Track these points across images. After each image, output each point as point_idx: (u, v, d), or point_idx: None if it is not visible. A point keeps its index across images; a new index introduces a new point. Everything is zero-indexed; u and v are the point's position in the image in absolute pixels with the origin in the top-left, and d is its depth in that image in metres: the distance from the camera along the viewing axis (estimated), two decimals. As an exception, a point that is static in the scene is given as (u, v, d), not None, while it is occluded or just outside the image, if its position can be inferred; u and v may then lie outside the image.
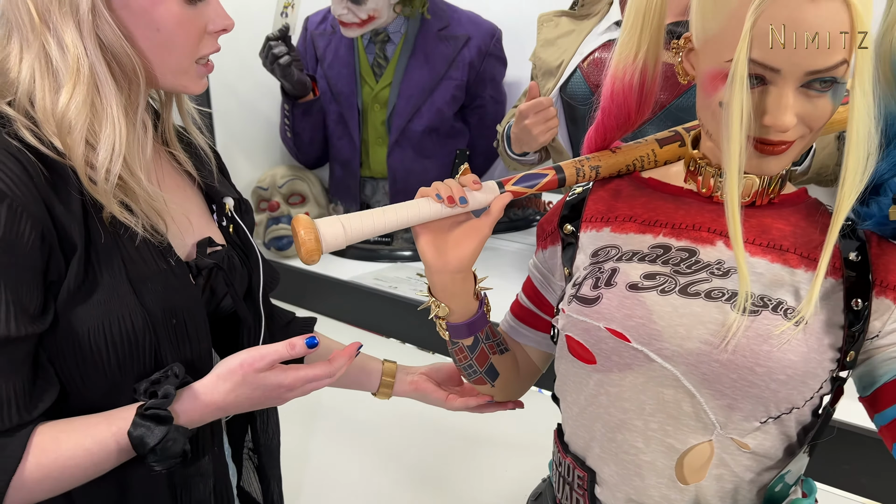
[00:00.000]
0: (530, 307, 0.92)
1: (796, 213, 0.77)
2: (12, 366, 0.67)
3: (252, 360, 0.74)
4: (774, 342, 0.68)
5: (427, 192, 0.78)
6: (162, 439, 0.69)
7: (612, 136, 0.83)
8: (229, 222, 0.90)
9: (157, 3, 0.73)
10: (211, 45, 0.78)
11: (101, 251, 0.71)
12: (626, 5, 0.76)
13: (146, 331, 0.73)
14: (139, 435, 0.69)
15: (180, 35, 0.75)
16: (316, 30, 1.87)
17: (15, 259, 0.66)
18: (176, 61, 0.76)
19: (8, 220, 0.65)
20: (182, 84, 0.78)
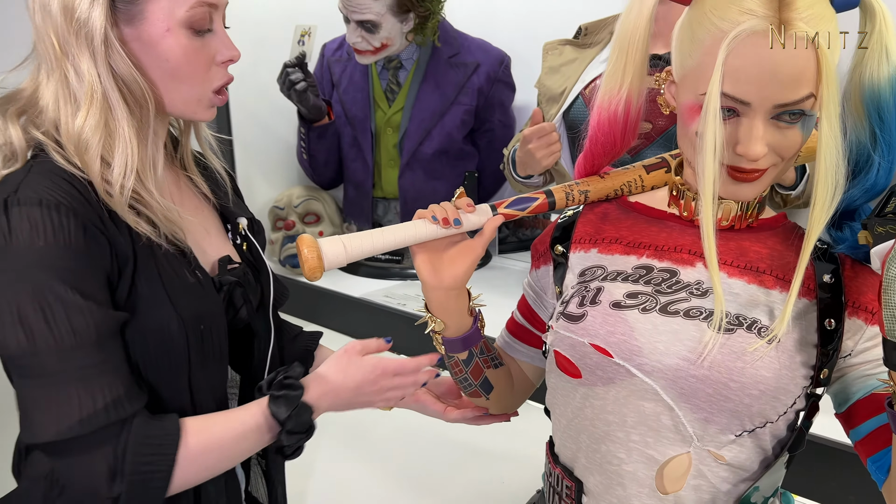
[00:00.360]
0: (524, 324, 0.96)
1: (774, 236, 0.80)
2: (119, 359, 0.75)
3: (352, 345, 0.88)
4: (748, 359, 0.72)
5: (424, 214, 0.83)
6: (296, 408, 0.80)
7: (600, 162, 0.87)
8: (243, 241, 0.96)
9: (165, 36, 0.78)
10: (221, 75, 0.83)
11: (142, 267, 0.78)
12: (614, 39, 0.81)
13: (180, 335, 0.80)
14: (277, 405, 0.80)
15: (187, 66, 0.79)
16: (332, 56, 1.95)
17: (92, 266, 0.74)
18: (187, 91, 0.81)
19: (84, 235, 0.73)
20: (192, 111, 0.83)
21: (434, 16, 1.76)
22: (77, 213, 0.73)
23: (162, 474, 0.73)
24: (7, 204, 0.72)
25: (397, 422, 1.16)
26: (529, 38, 1.80)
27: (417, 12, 1.73)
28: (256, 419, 0.80)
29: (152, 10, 0.77)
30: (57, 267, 0.71)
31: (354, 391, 0.85)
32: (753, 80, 0.68)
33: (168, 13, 0.77)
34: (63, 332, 0.71)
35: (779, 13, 0.67)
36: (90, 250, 0.73)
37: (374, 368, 0.86)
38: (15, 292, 0.70)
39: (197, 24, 0.79)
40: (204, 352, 0.84)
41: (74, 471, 0.72)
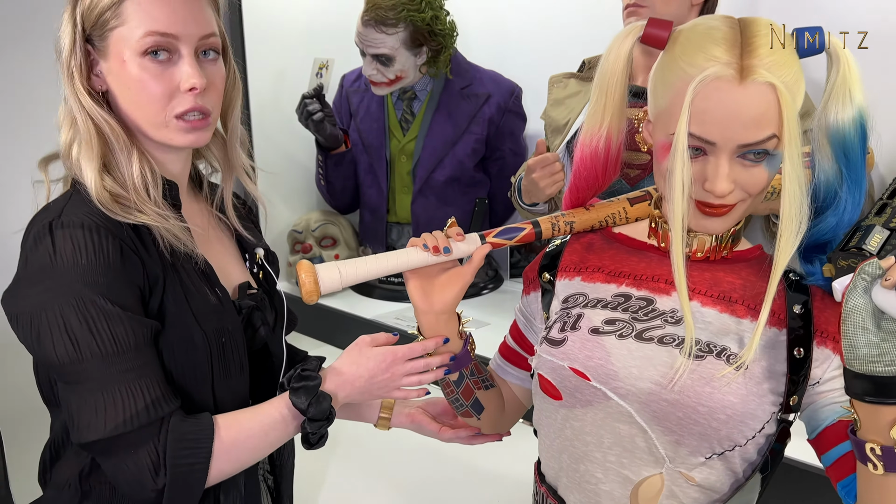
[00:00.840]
0: (515, 347, 1.01)
1: (748, 267, 0.84)
2: (155, 364, 0.83)
3: (362, 339, 0.94)
4: (716, 384, 0.76)
5: (416, 242, 0.89)
6: (314, 396, 0.86)
7: (584, 195, 0.92)
8: (259, 269, 1.04)
9: (123, 65, 0.83)
10: (184, 102, 0.84)
11: (170, 286, 0.86)
12: (595, 80, 0.86)
13: (203, 347, 0.88)
14: (297, 396, 0.86)
15: (143, 92, 0.83)
16: (351, 87, 2.04)
17: (129, 282, 0.81)
18: (152, 115, 0.84)
19: (121, 254, 0.81)
20: (166, 137, 0.86)
21: (446, 49, 1.83)
22: (114, 235, 0.81)
23: (200, 466, 0.81)
24: (52, 227, 0.80)
25: (404, 441, 1.21)
26: (542, 71, 1.86)
27: (430, 46, 1.81)
28: (280, 410, 0.87)
29: (115, 41, 0.84)
30: (98, 282, 0.79)
31: (368, 380, 0.91)
32: (717, 121, 0.72)
33: (124, 43, 0.83)
34: (105, 340, 0.79)
35: (741, 60, 0.72)
36: (126, 267, 0.81)
37: (385, 356, 0.91)
38: (61, 306, 0.78)
39: (152, 52, 0.83)
40: (225, 363, 0.91)
41: (122, 466, 0.80)
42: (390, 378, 0.91)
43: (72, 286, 0.79)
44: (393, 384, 0.92)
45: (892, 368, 0.66)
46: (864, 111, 0.76)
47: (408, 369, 0.92)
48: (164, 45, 0.83)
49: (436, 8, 1.80)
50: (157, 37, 0.83)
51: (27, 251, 0.82)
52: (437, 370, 0.93)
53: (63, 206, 0.83)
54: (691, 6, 1.47)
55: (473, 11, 2.13)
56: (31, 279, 0.81)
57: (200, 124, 0.86)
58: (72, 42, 0.84)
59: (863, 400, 0.68)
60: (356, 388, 0.91)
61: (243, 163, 0.99)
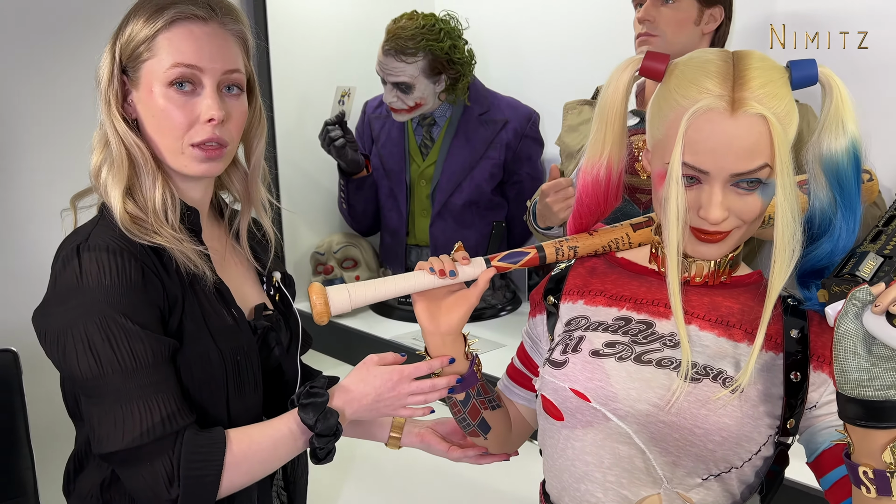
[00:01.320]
0: (521, 369, 1.03)
1: (746, 292, 0.86)
2: (172, 380, 0.87)
3: (370, 358, 0.97)
4: (712, 407, 0.78)
5: (423, 266, 0.93)
6: (322, 412, 0.89)
7: (587, 221, 0.95)
8: (276, 292, 1.08)
9: (151, 95, 0.89)
10: (203, 132, 0.89)
11: (189, 307, 0.91)
12: (596, 111, 0.89)
13: (220, 365, 0.93)
14: (305, 412, 0.89)
15: (166, 120, 0.89)
16: (373, 113, 2.09)
17: (149, 302, 0.87)
18: (169, 143, 0.90)
19: (142, 276, 0.86)
20: (181, 164, 0.91)
21: (464, 77, 1.88)
22: (136, 258, 0.87)
23: (212, 478, 0.85)
24: (79, 250, 0.86)
25: (411, 460, 1.23)
26: (560, 97, 1.90)
27: (449, 74, 1.86)
28: (289, 426, 0.90)
29: (145, 72, 0.90)
30: (120, 302, 0.84)
31: (375, 397, 0.94)
32: (710, 151, 0.75)
33: (154, 74, 0.89)
34: (125, 357, 0.84)
35: (733, 92, 0.74)
36: (147, 288, 0.86)
37: (392, 375, 0.94)
38: (85, 324, 0.84)
39: (177, 83, 0.88)
40: (240, 380, 0.95)
41: (138, 477, 0.85)
42: (396, 396, 0.94)
43: (96, 306, 0.84)
44: (399, 402, 0.95)
45: (881, 393, 0.67)
46: (856, 141, 0.78)
47: (413, 388, 0.94)
48: (188, 77, 0.89)
49: (454, 37, 1.85)
50: (183, 68, 0.88)
51: (56, 272, 0.88)
52: (443, 390, 0.95)
53: (90, 230, 0.89)
54: (702, 35, 1.49)
55: (493, 39, 2.18)
56: (59, 299, 0.86)
57: (215, 154, 0.91)
58: (109, 72, 0.91)
59: (855, 424, 0.69)
60: (363, 405, 0.94)
61: (262, 198, 1.04)
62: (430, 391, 0.95)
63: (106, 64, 0.92)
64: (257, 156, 1.02)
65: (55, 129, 1.72)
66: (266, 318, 1.02)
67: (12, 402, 1.22)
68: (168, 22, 0.88)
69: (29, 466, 1.24)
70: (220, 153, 0.91)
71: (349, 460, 1.58)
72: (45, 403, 1.28)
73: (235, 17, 0.94)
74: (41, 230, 0.90)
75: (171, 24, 0.89)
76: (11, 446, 1.22)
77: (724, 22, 1.50)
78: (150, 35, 0.89)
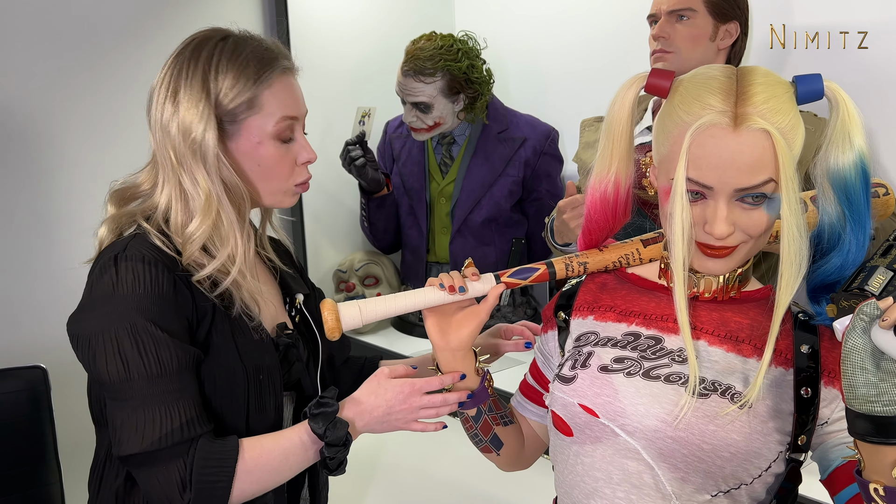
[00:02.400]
0: (534, 385, 1.04)
1: (756, 307, 0.85)
2: (194, 388, 0.90)
3: (381, 370, 0.97)
4: (720, 422, 0.77)
5: (433, 282, 0.94)
6: (331, 422, 0.91)
7: (597, 237, 0.96)
8: (297, 313, 1.12)
9: (258, 147, 0.96)
10: (303, 174, 1.00)
11: (218, 322, 0.95)
12: (603, 128, 0.90)
13: (243, 381, 0.96)
14: (315, 422, 0.91)
15: (275, 168, 0.97)
16: (394, 133, 2.13)
17: (179, 312, 0.90)
18: (276, 186, 0.99)
19: (174, 287, 0.91)
20: (279, 202, 1.01)
21: (483, 96, 1.90)
22: (170, 270, 0.91)
23: (223, 484, 0.88)
24: (117, 259, 0.91)
25: (431, 473, 1.24)
26: (580, 114, 1.91)
27: (467, 94, 1.88)
28: (300, 436, 0.92)
29: (248, 126, 0.95)
30: (151, 310, 0.88)
31: (386, 410, 0.95)
32: (714, 167, 0.75)
33: (260, 128, 0.95)
34: (152, 362, 0.88)
35: (735, 108, 0.75)
36: (177, 299, 0.91)
37: (403, 388, 0.95)
38: (116, 330, 0.88)
39: (282, 136, 0.97)
40: (262, 397, 0.98)
41: (154, 480, 0.88)
42: (408, 410, 0.95)
43: (128, 312, 0.88)
44: (411, 416, 0.96)
45: (890, 408, 0.66)
46: (864, 154, 0.77)
47: (425, 402, 0.95)
48: (293, 128, 0.98)
49: (472, 57, 1.88)
50: (291, 121, 0.97)
51: (93, 280, 0.93)
52: (455, 404, 0.96)
53: (128, 242, 0.93)
54: (718, 51, 1.49)
55: (512, 58, 2.21)
56: (94, 305, 0.91)
57: (306, 188, 1.02)
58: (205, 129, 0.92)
59: (865, 440, 0.69)
60: (374, 417, 0.95)
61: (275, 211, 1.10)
62: (442, 405, 0.96)
63: (203, 122, 0.93)
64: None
65: (93, 155, 1.78)
66: (287, 335, 1.05)
67: (41, 417, 1.25)
68: (271, 75, 0.95)
69: (56, 481, 1.28)
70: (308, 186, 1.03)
71: (369, 472, 1.59)
72: (73, 419, 1.31)
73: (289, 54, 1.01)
74: (73, 250, 0.95)
75: (271, 78, 0.95)
76: (40, 460, 1.26)
77: (739, 38, 1.50)
78: (256, 93, 0.94)
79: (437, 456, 1.56)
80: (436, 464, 1.18)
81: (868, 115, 0.79)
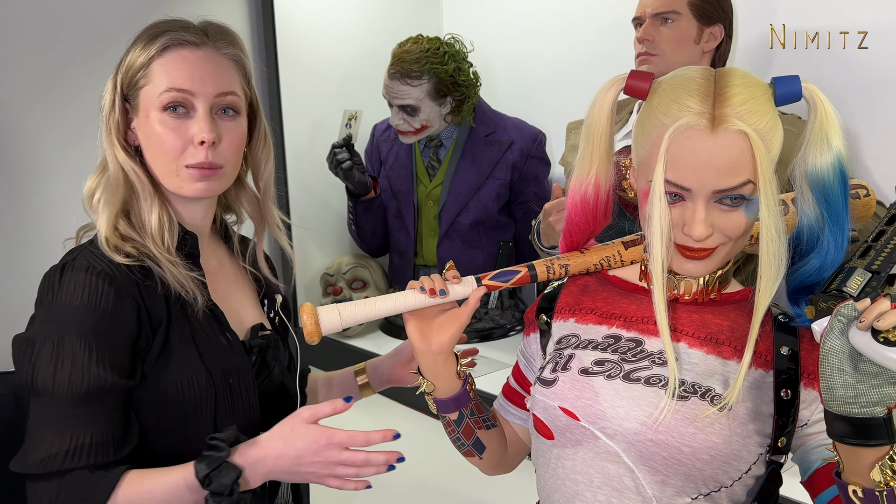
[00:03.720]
0: (516, 388, 1.03)
1: (737, 309, 0.85)
2: (112, 412, 0.86)
3: (300, 411, 0.88)
4: (699, 425, 0.77)
5: (414, 285, 0.93)
6: (216, 467, 0.82)
7: (578, 239, 0.95)
8: (276, 315, 1.10)
9: (147, 119, 0.92)
10: (196, 155, 0.91)
11: (176, 327, 0.92)
12: (583, 130, 0.90)
13: (209, 387, 0.92)
14: (200, 465, 0.83)
15: (161, 143, 0.91)
16: (381, 136, 2.12)
17: (115, 327, 0.86)
18: (165, 165, 0.92)
19: (114, 298, 0.87)
20: (177, 186, 0.92)
21: (470, 99, 1.90)
22: (113, 280, 0.87)
23: None
24: (64, 269, 0.89)
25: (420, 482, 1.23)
26: (568, 117, 1.91)
27: (454, 96, 1.88)
28: (186, 477, 0.83)
29: (142, 99, 0.93)
30: (83, 325, 0.84)
31: (294, 460, 0.85)
32: (691, 168, 0.75)
33: (149, 99, 0.92)
34: (61, 382, 0.83)
35: (713, 109, 0.75)
36: (119, 313, 0.86)
37: (318, 438, 0.85)
38: (44, 340, 0.85)
39: (168, 107, 0.90)
40: (233, 403, 0.95)
41: (34, 498, 0.84)
42: (322, 464, 0.85)
43: (59, 325, 0.85)
44: (325, 471, 0.86)
45: (867, 410, 0.66)
46: (842, 156, 0.77)
47: (343, 459, 0.85)
48: (180, 101, 0.91)
49: (458, 60, 1.87)
50: (175, 93, 0.91)
51: (41, 289, 0.90)
52: (381, 466, 0.87)
53: (80, 250, 0.91)
54: (703, 53, 1.50)
55: (500, 61, 2.21)
56: (35, 314, 0.89)
57: (209, 173, 0.92)
58: (111, 100, 0.94)
59: (843, 442, 0.68)
60: (279, 466, 0.85)
61: (276, 219, 1.05)
62: (364, 466, 0.86)
63: (108, 92, 0.95)
64: (266, 178, 1.04)
65: (67, 164, 1.77)
66: (263, 337, 1.03)
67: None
68: (161, 48, 0.91)
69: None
70: (215, 173, 0.93)
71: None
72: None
73: (231, 40, 0.96)
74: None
75: (164, 50, 0.91)
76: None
77: (724, 40, 1.51)
78: (145, 62, 0.92)
79: (422, 458, 1.55)
80: (421, 466, 1.17)
81: (860, 116, 0.79)
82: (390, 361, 1.16)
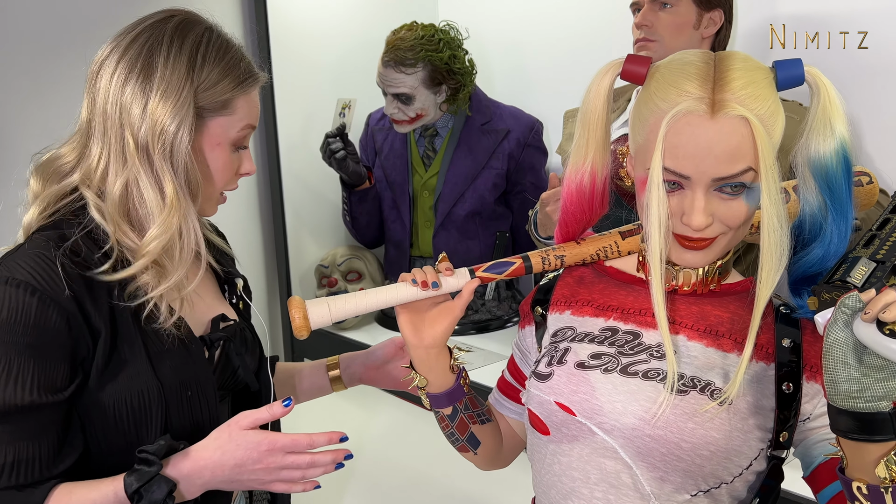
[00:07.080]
0: (511, 382, 1.01)
1: (737, 301, 0.83)
2: (39, 429, 0.80)
3: (238, 418, 0.83)
4: (699, 420, 0.75)
5: (405, 278, 0.91)
6: (147, 482, 0.78)
7: (574, 229, 0.93)
8: (239, 300, 1.05)
9: (215, 148, 0.90)
10: (235, 183, 0.96)
11: (124, 334, 0.85)
12: (578, 117, 0.87)
13: (159, 400, 0.86)
14: (130, 479, 0.79)
15: (221, 174, 0.92)
16: (376, 125, 2.09)
17: (43, 340, 0.80)
18: (212, 191, 0.93)
19: (38, 309, 0.79)
20: (206, 209, 0.95)
21: (465, 87, 1.87)
22: (35, 291, 0.79)
23: None
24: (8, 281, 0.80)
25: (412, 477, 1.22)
26: (566, 105, 1.88)
27: (449, 85, 1.85)
28: (116, 490, 0.79)
29: (211, 126, 0.89)
30: (5, 340, 0.79)
31: (234, 469, 0.82)
32: (690, 155, 0.73)
33: (224, 131, 0.90)
34: None
35: (713, 94, 0.72)
36: (45, 324, 0.79)
37: (259, 445, 0.82)
38: None
39: (239, 143, 0.93)
40: (193, 418, 0.89)
41: None
42: (264, 470, 0.82)
43: None
44: (269, 477, 0.83)
45: (872, 404, 0.64)
46: (845, 142, 0.75)
47: (287, 462, 0.82)
48: (248, 137, 0.94)
49: (454, 47, 1.84)
50: (250, 130, 0.93)
51: None
52: (329, 466, 0.85)
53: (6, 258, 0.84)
54: (702, 39, 1.47)
55: (496, 49, 2.17)
56: None
57: (225, 198, 0.97)
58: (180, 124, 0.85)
59: (847, 437, 0.66)
60: (217, 477, 0.82)
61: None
62: (310, 468, 0.83)
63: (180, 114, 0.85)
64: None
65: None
66: (224, 329, 0.97)
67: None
68: (253, 84, 0.91)
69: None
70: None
71: (346, 469, 1.57)
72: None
73: None
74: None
75: (252, 86, 0.91)
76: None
77: (724, 26, 1.48)
78: (234, 96, 0.89)
79: (416, 452, 1.54)
80: (414, 461, 1.15)
81: (859, 104, 0.77)
82: (362, 362, 1.13)
